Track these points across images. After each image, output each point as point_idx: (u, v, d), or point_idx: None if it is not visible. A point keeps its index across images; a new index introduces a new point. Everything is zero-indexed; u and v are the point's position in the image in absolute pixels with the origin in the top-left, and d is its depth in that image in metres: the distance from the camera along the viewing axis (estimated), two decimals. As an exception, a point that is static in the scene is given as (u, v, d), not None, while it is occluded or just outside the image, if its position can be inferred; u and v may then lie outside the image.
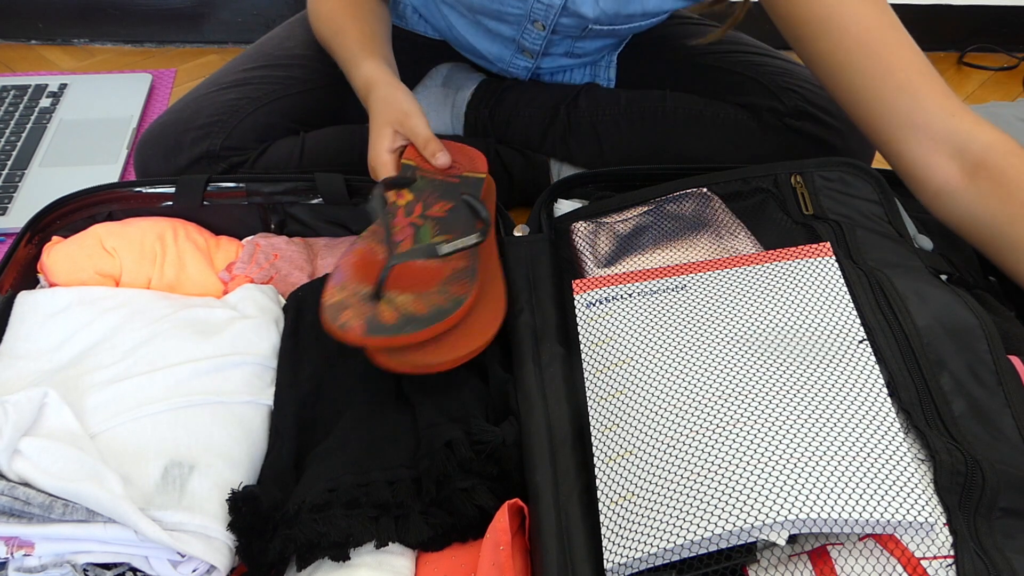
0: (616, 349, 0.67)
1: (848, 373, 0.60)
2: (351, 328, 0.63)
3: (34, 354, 0.70)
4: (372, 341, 0.63)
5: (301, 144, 1.00)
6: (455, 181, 0.80)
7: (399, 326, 0.64)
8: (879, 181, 0.80)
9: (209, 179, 0.89)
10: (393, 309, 0.65)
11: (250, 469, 0.65)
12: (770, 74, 1.00)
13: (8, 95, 1.33)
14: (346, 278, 0.68)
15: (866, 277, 0.68)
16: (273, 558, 0.59)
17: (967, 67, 1.59)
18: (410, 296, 0.66)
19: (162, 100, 1.39)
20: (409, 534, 0.60)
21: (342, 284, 0.67)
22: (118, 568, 0.58)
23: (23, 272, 0.81)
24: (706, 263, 0.72)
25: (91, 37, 1.59)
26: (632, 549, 0.54)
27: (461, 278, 0.69)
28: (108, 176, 1.17)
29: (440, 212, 0.75)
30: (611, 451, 0.60)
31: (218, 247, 0.87)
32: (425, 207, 0.76)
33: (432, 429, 0.63)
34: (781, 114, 0.97)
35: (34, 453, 0.58)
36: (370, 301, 0.65)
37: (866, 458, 0.54)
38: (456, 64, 1.13)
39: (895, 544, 0.52)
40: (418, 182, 0.78)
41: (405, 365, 0.65)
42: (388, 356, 0.65)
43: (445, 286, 0.68)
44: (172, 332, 0.72)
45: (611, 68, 1.08)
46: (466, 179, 0.80)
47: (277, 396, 0.71)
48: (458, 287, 0.68)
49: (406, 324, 0.64)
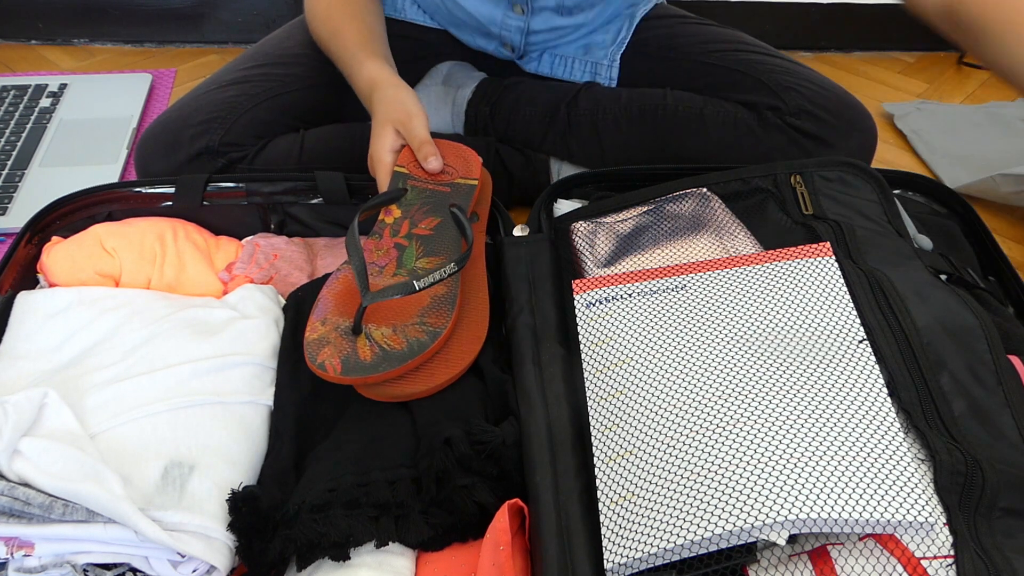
0: (616, 349, 0.67)
1: (848, 373, 0.60)
2: (329, 367, 0.66)
3: (34, 354, 0.70)
4: (350, 381, 0.66)
5: (301, 141, 1.00)
6: (445, 190, 0.80)
7: (375, 364, 0.66)
8: (879, 181, 0.80)
9: (209, 179, 0.89)
10: (371, 345, 0.67)
11: (250, 469, 0.65)
12: (771, 72, 1.00)
13: (8, 95, 1.33)
14: (328, 311, 0.70)
15: (866, 277, 0.68)
16: (273, 558, 0.59)
17: (967, 67, 1.59)
18: (388, 330, 0.68)
19: (162, 100, 1.39)
20: (409, 534, 0.60)
21: (323, 318, 0.69)
22: (118, 568, 0.58)
23: (23, 272, 0.81)
24: (706, 263, 0.72)
25: (91, 37, 1.59)
26: (632, 549, 0.54)
27: (440, 307, 0.71)
28: (108, 176, 1.17)
29: (427, 230, 0.76)
30: (611, 451, 0.60)
31: (218, 247, 0.87)
32: (412, 224, 0.77)
33: (432, 428, 0.63)
34: (782, 113, 0.97)
35: (34, 453, 0.58)
36: (350, 336, 0.68)
37: (866, 458, 0.54)
38: (457, 63, 1.13)
39: (895, 544, 0.52)
40: (408, 194, 0.79)
41: (385, 396, 0.67)
42: (367, 389, 0.68)
43: (423, 317, 0.70)
44: (172, 332, 0.72)
45: (613, 67, 1.08)
46: (457, 187, 0.81)
47: (277, 396, 0.71)
48: (436, 318, 0.70)
49: (382, 362, 0.66)
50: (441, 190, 0.80)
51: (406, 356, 0.66)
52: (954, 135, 1.36)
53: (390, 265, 0.74)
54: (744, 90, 1.01)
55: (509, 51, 1.08)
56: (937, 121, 1.40)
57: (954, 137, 1.36)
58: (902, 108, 1.44)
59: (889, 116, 1.43)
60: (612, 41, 1.08)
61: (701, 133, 1.01)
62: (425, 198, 0.79)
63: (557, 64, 1.10)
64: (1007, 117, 1.41)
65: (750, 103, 1.00)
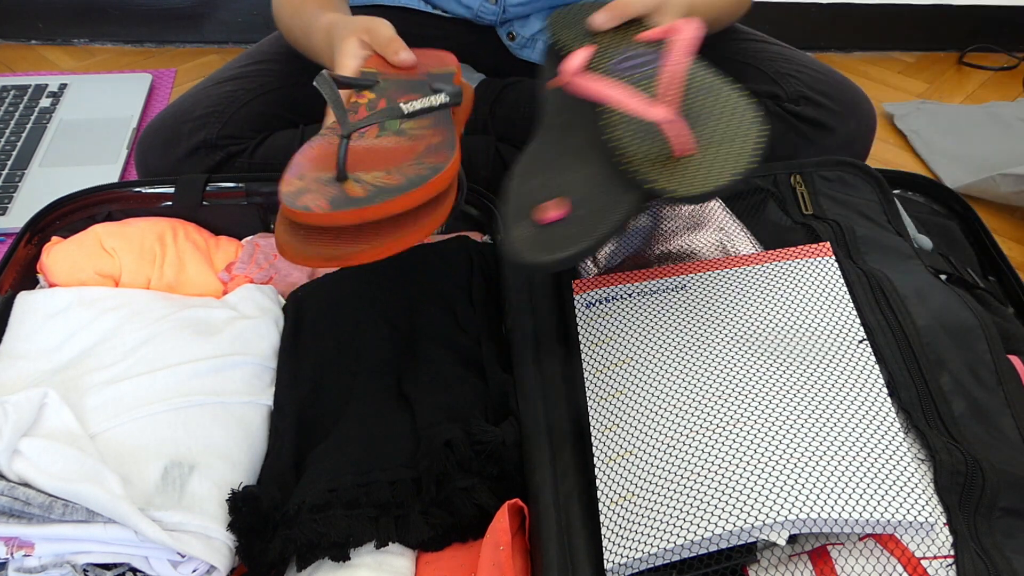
0: (616, 349, 0.67)
1: (848, 373, 0.60)
2: (315, 207, 0.55)
3: (34, 354, 0.70)
4: (340, 216, 0.55)
5: (301, 136, 1.00)
6: (422, 78, 0.72)
7: (369, 198, 0.56)
8: (879, 181, 0.80)
9: (209, 179, 0.89)
10: (361, 185, 0.57)
11: (250, 469, 0.65)
12: (768, 60, 1.00)
13: (8, 95, 1.33)
14: (304, 169, 0.60)
15: (866, 277, 0.68)
16: (273, 558, 0.59)
17: (967, 67, 1.59)
18: (380, 172, 0.59)
19: (162, 100, 1.39)
20: (409, 534, 0.60)
21: (300, 174, 0.59)
22: (118, 568, 0.58)
23: (23, 272, 0.81)
24: (706, 263, 0.72)
25: (91, 37, 1.59)
26: (632, 549, 0.54)
27: (439, 150, 0.62)
28: (108, 176, 1.17)
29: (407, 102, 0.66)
30: (611, 451, 0.60)
31: (217, 247, 0.87)
32: (390, 102, 0.68)
33: (432, 429, 0.63)
34: (781, 100, 0.97)
35: (34, 453, 0.58)
36: (334, 184, 0.58)
37: (866, 458, 0.54)
38: (456, 63, 1.13)
39: (895, 544, 0.52)
40: (380, 84, 0.70)
41: (316, 258, 0.57)
42: (294, 246, 0.57)
43: (420, 159, 0.60)
44: (172, 332, 0.72)
45: None
46: (433, 75, 0.73)
47: (277, 396, 0.71)
48: (435, 157, 0.61)
49: (377, 195, 0.56)
50: (417, 79, 0.72)
51: (405, 188, 0.57)
52: (954, 135, 1.36)
53: (371, 129, 0.64)
54: (742, 78, 1.00)
55: (492, 2, 1.07)
56: (937, 121, 1.40)
57: (954, 137, 1.36)
58: (902, 108, 1.44)
59: (889, 116, 1.43)
60: None
61: None
62: (401, 83, 0.71)
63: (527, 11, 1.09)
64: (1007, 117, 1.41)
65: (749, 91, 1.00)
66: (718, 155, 0.61)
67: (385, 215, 0.56)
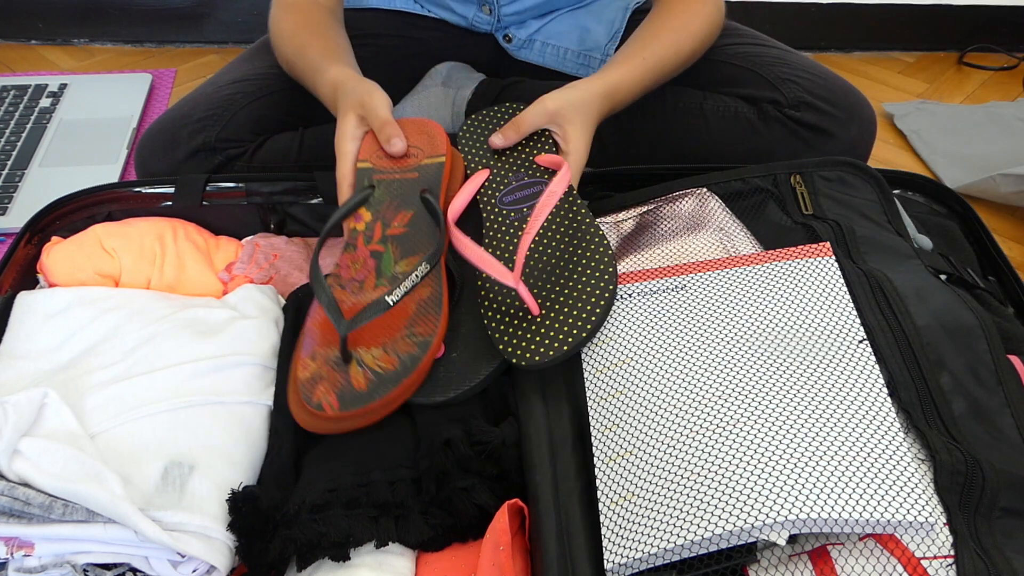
0: (616, 349, 0.67)
1: (848, 373, 0.60)
2: (327, 406, 0.63)
3: (34, 354, 0.70)
4: (349, 415, 0.63)
5: (300, 139, 1.00)
6: (413, 176, 0.77)
7: (371, 392, 0.63)
8: (879, 181, 0.80)
9: (208, 179, 0.89)
10: (363, 371, 0.64)
11: (250, 469, 0.65)
12: (768, 65, 1.00)
13: (8, 95, 1.33)
14: (315, 344, 0.67)
15: (866, 277, 0.68)
16: (273, 558, 0.59)
17: (967, 67, 1.59)
18: (378, 351, 0.66)
19: (162, 100, 1.39)
20: (409, 534, 0.60)
21: (312, 352, 0.67)
22: (118, 568, 0.58)
23: (23, 272, 0.81)
24: (706, 263, 0.72)
25: (91, 37, 1.59)
26: (632, 549, 0.54)
27: (427, 311, 0.68)
28: (108, 176, 1.18)
29: (401, 227, 0.73)
30: (611, 451, 0.60)
31: (218, 247, 0.87)
32: (385, 225, 0.74)
33: (432, 428, 0.63)
34: (782, 106, 0.97)
35: (34, 453, 0.58)
36: (341, 367, 0.65)
37: (866, 458, 0.54)
38: (456, 64, 1.13)
39: (895, 544, 0.52)
40: (376, 192, 0.76)
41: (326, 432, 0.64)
42: (309, 424, 0.64)
43: (411, 327, 0.67)
44: (172, 332, 0.72)
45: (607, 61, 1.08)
46: (424, 169, 0.77)
47: (277, 396, 0.71)
48: (424, 325, 0.67)
49: (377, 388, 0.63)
50: (409, 177, 0.77)
51: (400, 376, 0.64)
52: (954, 135, 1.37)
53: (369, 277, 0.71)
54: (743, 83, 1.00)
55: (487, 13, 1.06)
56: (937, 121, 1.40)
57: (954, 137, 1.36)
58: (902, 108, 1.44)
59: (889, 116, 1.43)
60: (607, 35, 1.08)
61: (701, 128, 1.01)
62: (393, 192, 0.76)
63: (549, 53, 1.10)
64: (1007, 117, 1.41)
65: (749, 97, 1.00)
66: (565, 319, 0.67)
67: (387, 410, 0.64)
